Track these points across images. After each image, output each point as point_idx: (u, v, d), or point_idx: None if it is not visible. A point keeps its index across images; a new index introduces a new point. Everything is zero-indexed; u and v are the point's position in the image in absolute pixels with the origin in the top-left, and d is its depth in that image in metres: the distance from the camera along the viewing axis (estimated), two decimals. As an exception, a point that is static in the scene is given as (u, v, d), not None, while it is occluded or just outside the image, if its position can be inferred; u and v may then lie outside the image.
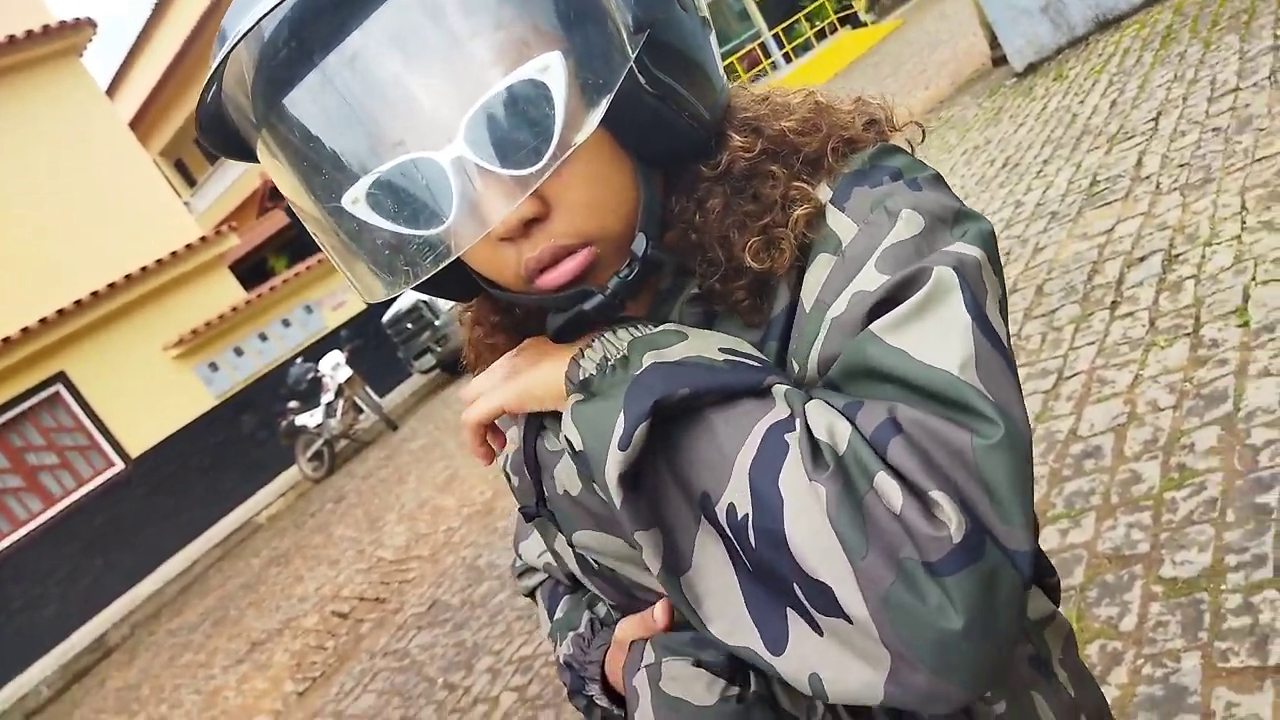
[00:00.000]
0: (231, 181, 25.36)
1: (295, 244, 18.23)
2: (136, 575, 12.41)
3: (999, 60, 9.21)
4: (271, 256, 18.93)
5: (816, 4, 22.85)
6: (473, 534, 6.07)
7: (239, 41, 0.59)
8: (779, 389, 0.61)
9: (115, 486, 12.84)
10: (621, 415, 0.60)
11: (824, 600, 0.55)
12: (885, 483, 0.54)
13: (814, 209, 0.69)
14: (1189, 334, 3.16)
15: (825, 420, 0.58)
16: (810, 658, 0.57)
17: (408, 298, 13.42)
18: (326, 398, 12.12)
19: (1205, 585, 2.21)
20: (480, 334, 0.86)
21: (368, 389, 12.68)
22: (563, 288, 0.67)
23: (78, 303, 12.45)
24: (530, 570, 1.04)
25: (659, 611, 0.77)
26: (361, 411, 12.54)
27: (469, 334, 0.89)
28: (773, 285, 0.70)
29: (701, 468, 0.60)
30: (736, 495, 0.58)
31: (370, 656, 5.22)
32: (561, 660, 0.91)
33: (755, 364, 0.64)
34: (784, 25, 22.42)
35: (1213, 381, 2.86)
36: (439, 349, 12.88)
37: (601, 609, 0.89)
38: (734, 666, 0.69)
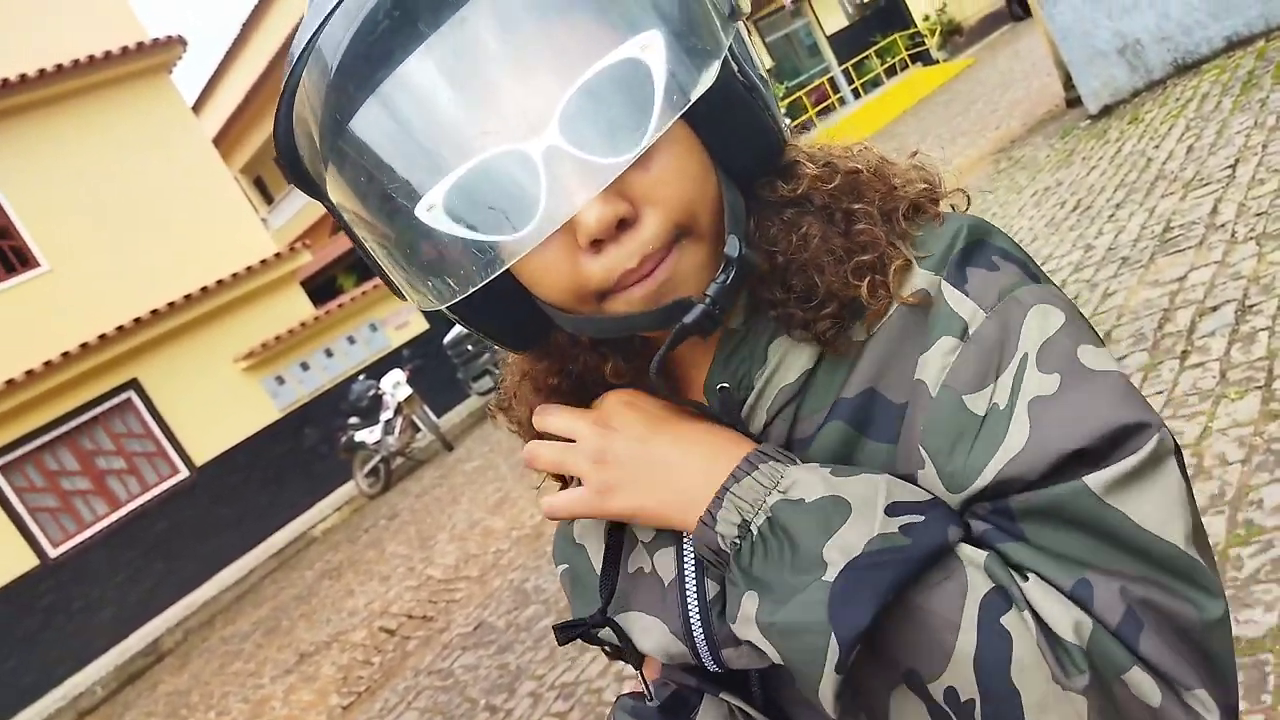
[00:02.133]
0: (307, 200, 25.96)
1: (363, 263, 18.52)
2: (194, 582, 12.65)
3: (1073, 102, 9.08)
4: (340, 275, 19.33)
5: (889, 40, 22.78)
6: (521, 557, 6.09)
7: (309, 49, 0.59)
8: (967, 554, 0.59)
9: (179, 494, 13.15)
10: (834, 638, 0.56)
11: None
12: (1139, 679, 0.55)
13: (906, 263, 0.67)
14: (1261, 387, 3.07)
15: (1063, 614, 0.56)
16: None
17: (470, 320, 13.56)
18: (385, 415, 12.29)
19: (1270, 646, 2.12)
20: (532, 398, 0.80)
21: (426, 408, 12.83)
22: (653, 299, 0.63)
23: (154, 312, 12.83)
24: None
25: (648, 673, 0.77)
26: (419, 430, 12.69)
27: (516, 394, 0.83)
28: (849, 352, 0.68)
29: (909, 651, 0.58)
30: (959, 682, 0.57)
31: (415, 674, 5.25)
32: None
33: (920, 513, 0.60)
34: (854, 61, 22.38)
35: (1285, 436, 2.76)
36: (497, 371, 12.87)
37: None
38: None
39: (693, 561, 0.72)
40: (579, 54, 0.56)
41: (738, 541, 0.62)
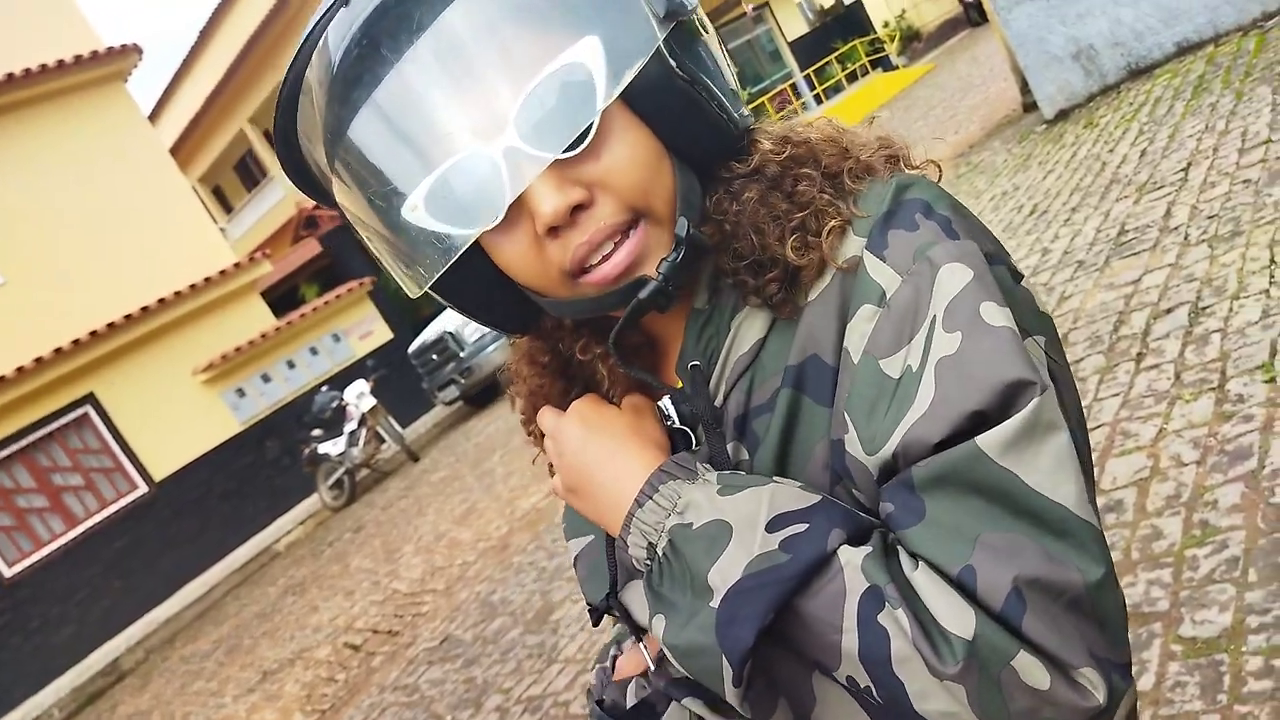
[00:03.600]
0: (267, 209, 25.71)
1: (326, 272, 18.42)
2: (154, 599, 12.44)
3: (1030, 106, 9.20)
4: (303, 284, 19.11)
5: (849, 46, 22.99)
6: (488, 569, 6.04)
7: (292, 81, 0.69)
8: (846, 556, 0.61)
9: (138, 509, 12.93)
10: (725, 660, 0.62)
11: None
12: (1027, 663, 0.57)
13: (843, 223, 0.71)
14: (1214, 388, 3.11)
15: (948, 606, 0.58)
16: None
17: (434, 329, 13.51)
18: (350, 426, 12.17)
19: (1226, 646, 2.15)
20: (528, 373, 0.88)
21: (391, 419, 12.73)
22: (617, 279, 0.69)
23: (110, 325, 12.63)
24: None
25: (649, 650, 0.80)
26: (384, 441, 12.58)
27: (517, 371, 0.90)
28: (793, 318, 0.72)
29: (808, 649, 0.63)
30: (854, 673, 0.61)
31: (380, 691, 5.18)
32: (588, 691, 0.95)
33: (804, 521, 0.63)
34: (816, 67, 22.56)
35: (1237, 437, 2.80)
36: (463, 381, 12.92)
37: (627, 644, 0.90)
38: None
39: None
40: (528, 65, 0.63)
41: (648, 563, 0.68)
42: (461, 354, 12.94)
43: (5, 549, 11.97)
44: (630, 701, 0.86)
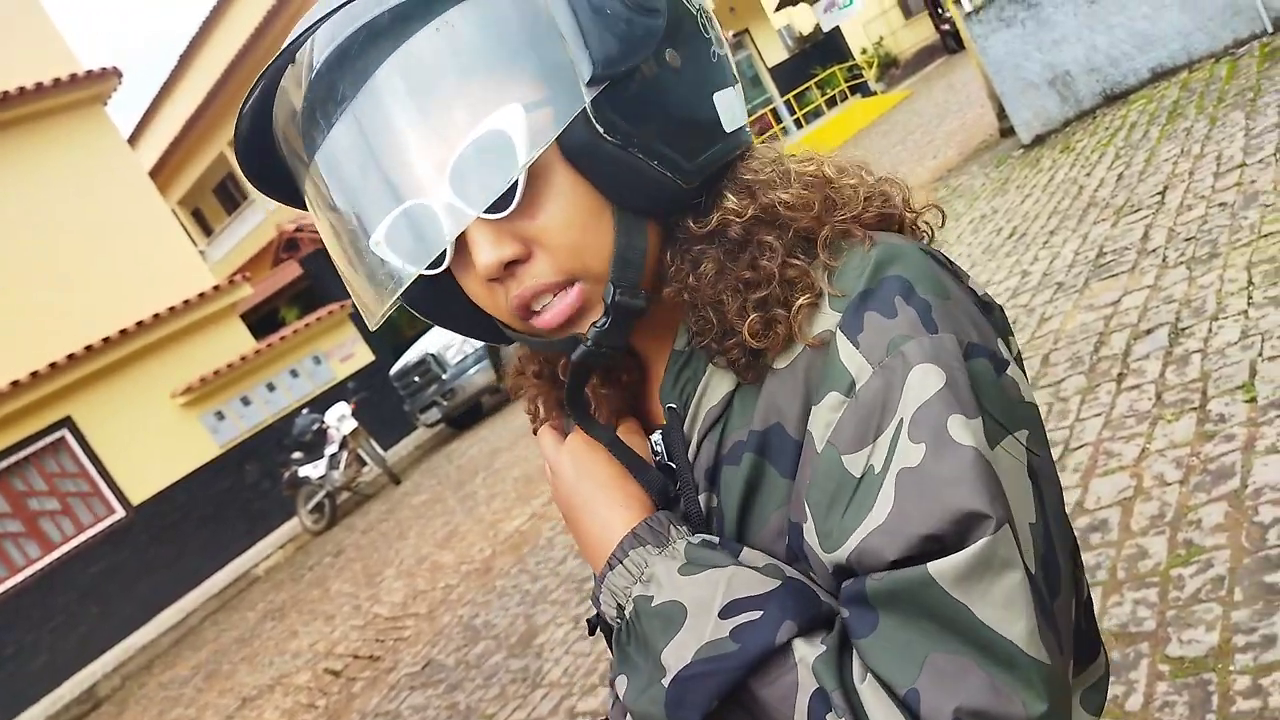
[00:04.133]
0: (247, 232, 25.62)
1: (306, 295, 18.34)
2: (131, 625, 12.26)
3: (1006, 131, 9.32)
4: (284, 307, 19.01)
5: (828, 72, 23.21)
6: (470, 592, 6.00)
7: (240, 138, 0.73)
8: (801, 653, 0.64)
9: (115, 534, 12.76)
10: None
11: None
12: None
13: (814, 298, 0.69)
14: (1195, 408, 3.14)
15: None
16: None
17: (416, 351, 13.46)
18: (330, 449, 12.08)
19: (1213, 665, 2.16)
20: (523, 378, 0.92)
21: (372, 441, 12.65)
22: (558, 328, 0.71)
23: (88, 348, 12.50)
24: None
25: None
26: (365, 464, 12.49)
27: (516, 370, 0.94)
28: (763, 380, 0.71)
29: None
30: None
31: (361, 717, 5.12)
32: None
33: (758, 609, 0.65)
34: (795, 92, 22.76)
35: (1220, 457, 2.83)
36: (445, 403, 12.87)
37: None
38: None
39: None
40: (462, 124, 0.65)
41: (618, 621, 0.72)
42: (444, 376, 12.90)
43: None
44: None
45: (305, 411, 13.13)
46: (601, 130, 0.66)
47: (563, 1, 0.65)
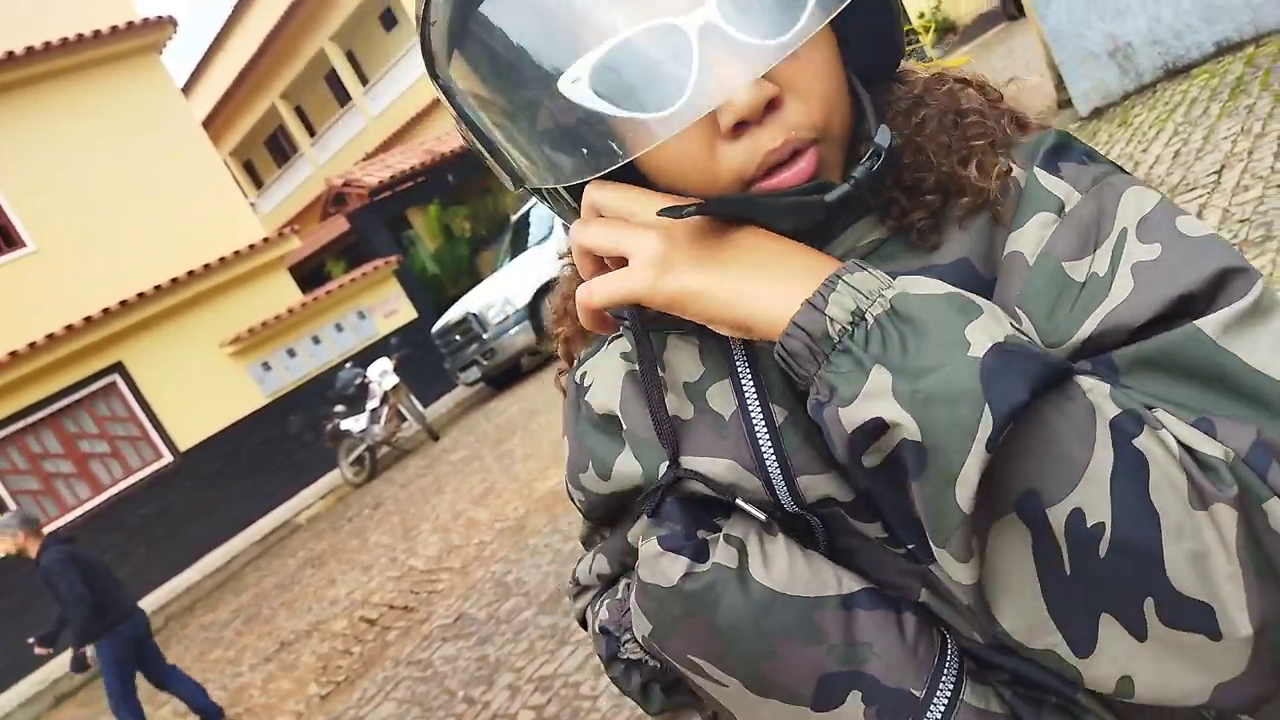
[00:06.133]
0: (297, 185, 25.88)
1: (353, 250, 18.52)
2: (175, 568, 12.62)
3: (1064, 103, 9.09)
4: (330, 261, 19.24)
5: (883, 38, 22.82)
6: (504, 549, 6.09)
7: None
8: (1087, 383, 0.55)
9: (162, 478, 13.11)
10: (988, 410, 0.51)
11: (1190, 617, 0.52)
12: (1277, 508, 0.52)
13: (1010, 165, 0.68)
14: (1239, 394, 3.08)
15: (1197, 436, 0.53)
16: (1124, 660, 0.54)
17: (458, 309, 13.56)
18: (372, 404, 12.26)
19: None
20: (566, 319, 0.85)
21: (412, 398, 12.81)
22: (803, 183, 0.62)
23: (140, 295, 12.77)
24: (585, 590, 0.94)
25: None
26: (405, 420, 12.66)
27: (560, 309, 0.85)
28: (941, 228, 0.68)
29: (1035, 468, 0.53)
30: (1089, 504, 0.52)
31: (394, 665, 5.25)
32: (598, 629, 0.85)
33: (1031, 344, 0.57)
34: (849, 58, 22.42)
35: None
36: (485, 362, 12.98)
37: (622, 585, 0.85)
38: (698, 547, 0.66)
39: (753, 390, 0.69)
40: None
41: (849, 328, 0.57)
42: (484, 335, 13.00)
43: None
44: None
45: (348, 365, 13.33)
46: None
47: None
